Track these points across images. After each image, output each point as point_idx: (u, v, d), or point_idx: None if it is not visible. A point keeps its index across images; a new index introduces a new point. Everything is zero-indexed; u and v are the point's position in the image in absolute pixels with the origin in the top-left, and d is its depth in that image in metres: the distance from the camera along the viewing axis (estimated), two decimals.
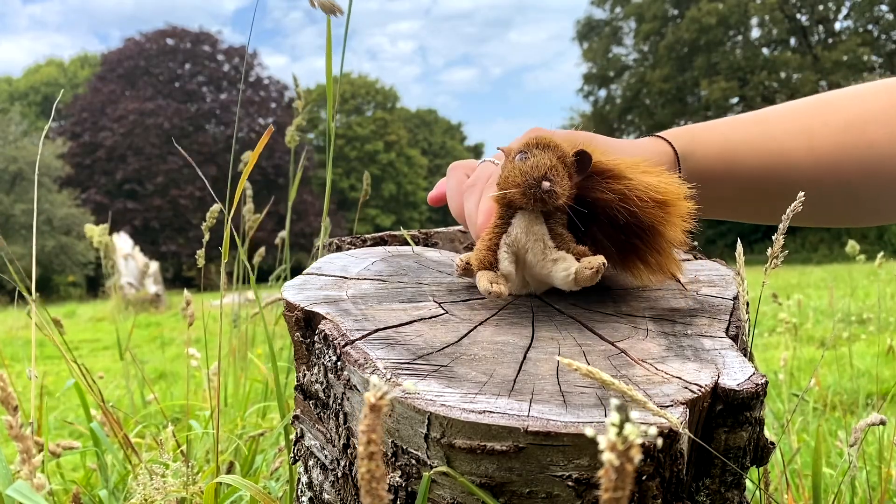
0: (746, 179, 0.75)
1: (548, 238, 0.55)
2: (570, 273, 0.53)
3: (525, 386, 0.45)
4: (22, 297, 0.93)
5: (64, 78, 34.34)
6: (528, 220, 0.55)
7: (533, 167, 0.52)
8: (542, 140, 0.54)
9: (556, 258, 0.54)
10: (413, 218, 32.95)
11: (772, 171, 0.74)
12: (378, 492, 0.26)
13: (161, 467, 0.85)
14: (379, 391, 0.26)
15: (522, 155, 0.53)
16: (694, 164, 0.74)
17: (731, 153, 0.75)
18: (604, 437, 0.22)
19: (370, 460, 0.26)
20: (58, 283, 18.82)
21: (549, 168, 0.52)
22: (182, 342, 4.47)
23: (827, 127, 0.74)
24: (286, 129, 1.37)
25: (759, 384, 0.46)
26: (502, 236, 0.55)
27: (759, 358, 2.91)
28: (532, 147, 0.54)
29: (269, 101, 27.72)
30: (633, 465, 0.22)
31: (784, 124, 0.76)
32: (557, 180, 0.52)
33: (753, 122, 0.77)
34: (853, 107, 0.75)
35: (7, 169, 20.47)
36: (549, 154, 0.53)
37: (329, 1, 0.74)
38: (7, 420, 0.40)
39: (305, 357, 0.59)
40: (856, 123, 0.74)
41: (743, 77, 24.51)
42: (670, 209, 0.55)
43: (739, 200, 0.78)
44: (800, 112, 0.77)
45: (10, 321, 6.29)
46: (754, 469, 0.60)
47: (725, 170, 0.75)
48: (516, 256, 0.55)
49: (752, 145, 0.75)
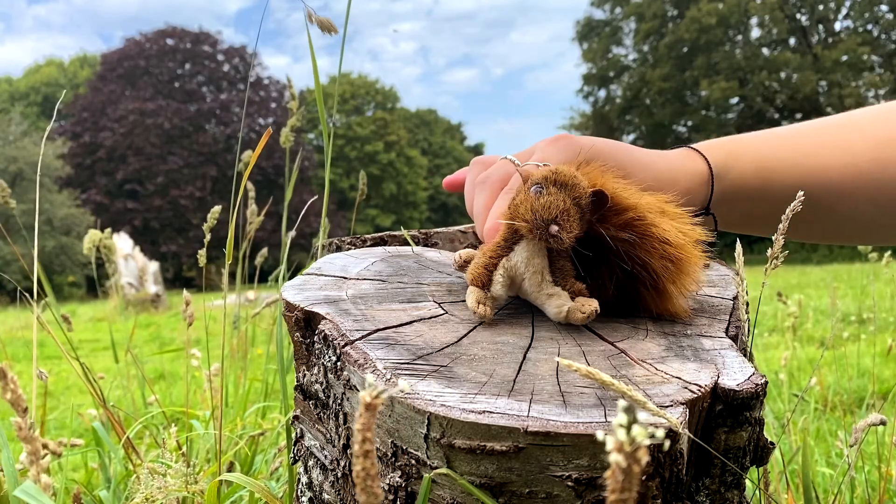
0: (781, 196, 0.73)
1: (546, 272, 0.54)
2: (562, 311, 0.53)
3: (525, 386, 0.45)
4: (25, 297, 0.93)
5: (64, 78, 34.36)
6: (531, 252, 0.54)
7: (545, 207, 0.50)
8: (560, 177, 0.52)
9: (550, 293, 0.54)
10: (413, 218, 32.95)
11: (807, 188, 0.73)
12: (373, 489, 0.26)
13: (164, 466, 0.85)
14: (375, 390, 0.26)
15: (538, 188, 0.52)
16: (728, 184, 0.73)
17: (766, 170, 0.74)
18: (611, 439, 0.22)
19: (365, 458, 0.26)
20: (58, 283, 18.82)
21: (561, 212, 0.50)
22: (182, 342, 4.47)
23: (864, 144, 0.74)
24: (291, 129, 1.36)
25: (758, 384, 0.46)
26: (503, 259, 0.55)
27: (759, 358, 2.92)
28: (549, 183, 0.52)
29: (269, 101, 27.72)
30: (641, 466, 0.22)
31: (819, 140, 0.75)
32: (566, 226, 0.50)
33: (787, 137, 0.76)
34: (887, 123, 0.75)
35: (7, 169, 20.46)
36: (563, 195, 0.51)
37: (326, 20, 0.74)
38: (16, 422, 0.40)
39: (305, 357, 0.59)
40: (890, 140, 0.73)
41: (743, 77, 24.52)
42: (681, 268, 0.54)
43: (772, 217, 0.76)
44: (835, 128, 0.76)
45: (11, 321, 6.29)
46: (754, 469, 0.60)
47: (760, 187, 0.74)
48: (512, 280, 0.55)
49: (787, 162, 0.74)
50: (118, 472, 1.13)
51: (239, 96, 27.89)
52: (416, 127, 37.48)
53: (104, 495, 1.02)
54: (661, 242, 0.53)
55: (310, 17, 0.77)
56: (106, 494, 1.02)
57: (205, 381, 1.49)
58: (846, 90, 22.93)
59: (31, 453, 0.42)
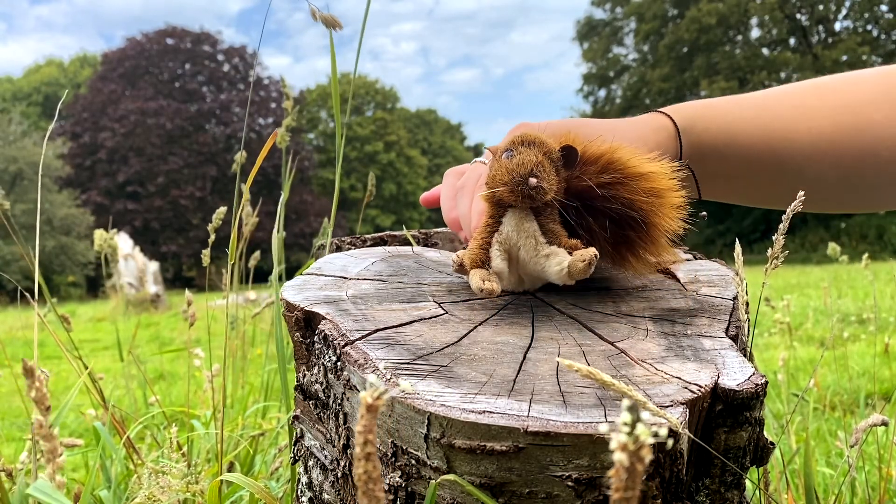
0: (746, 156, 0.75)
1: (539, 234, 0.55)
2: (563, 267, 0.53)
3: (525, 386, 0.45)
4: (25, 297, 0.94)
5: (64, 78, 34.34)
6: (519, 218, 0.55)
7: (519, 164, 0.53)
8: (527, 138, 0.54)
9: (548, 253, 0.55)
10: (413, 218, 32.93)
11: (772, 149, 0.75)
12: (375, 493, 0.26)
13: (165, 466, 0.85)
14: (376, 391, 0.26)
15: (508, 153, 0.54)
16: (695, 139, 0.74)
17: (732, 129, 0.75)
18: (615, 438, 0.22)
19: (367, 461, 0.26)
20: (58, 284, 18.82)
21: (535, 164, 0.52)
22: (182, 342, 4.47)
23: (826, 108, 0.75)
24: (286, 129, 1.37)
25: (758, 384, 0.46)
26: (494, 235, 0.55)
27: (758, 358, 2.91)
28: (518, 145, 0.54)
29: (269, 101, 27.72)
30: (644, 465, 0.22)
31: (784, 103, 0.77)
32: (544, 176, 0.52)
33: (754, 100, 0.78)
34: (851, 89, 0.76)
35: (7, 169, 20.46)
36: (534, 150, 0.53)
37: (331, 16, 0.74)
38: (37, 419, 0.41)
39: (305, 357, 0.59)
40: (853, 105, 0.75)
41: (743, 77, 24.49)
42: (662, 199, 0.55)
43: (738, 178, 0.78)
44: (799, 93, 0.78)
45: (10, 321, 6.29)
46: (754, 469, 0.60)
47: (725, 145, 0.75)
48: (509, 254, 0.56)
49: (753, 122, 0.75)
50: (119, 472, 1.13)
51: (239, 96, 27.89)
52: (416, 127, 37.47)
53: (105, 495, 1.02)
54: (640, 176, 0.55)
55: (313, 15, 0.77)
56: (106, 494, 1.02)
57: (205, 381, 1.49)
58: None
59: (49, 451, 0.42)
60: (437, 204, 0.74)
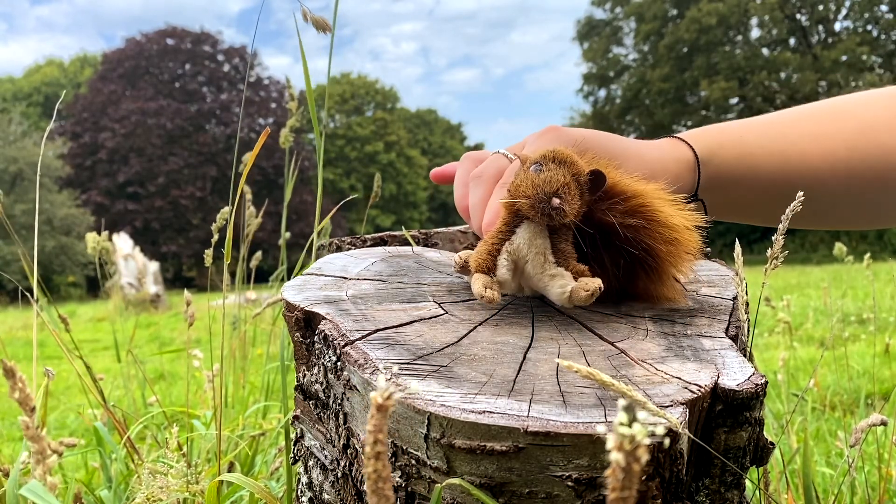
0: (763, 183, 0.76)
1: (549, 253, 0.54)
2: (565, 291, 0.53)
3: (525, 386, 0.45)
4: (25, 297, 0.94)
5: (64, 78, 34.35)
6: (533, 233, 0.54)
7: (546, 182, 0.52)
8: (559, 155, 0.53)
9: (553, 273, 0.54)
10: (413, 218, 32.95)
11: (788, 175, 0.76)
12: (384, 491, 0.26)
13: (165, 466, 0.85)
14: (386, 392, 0.26)
15: (537, 166, 0.53)
16: (713, 169, 0.75)
17: (749, 157, 0.76)
18: (612, 437, 0.22)
19: (377, 460, 0.26)
20: (58, 284, 18.82)
21: (562, 185, 0.52)
22: (182, 342, 4.47)
23: (841, 132, 0.76)
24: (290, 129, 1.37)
25: (758, 384, 0.46)
26: (505, 243, 0.55)
27: (758, 358, 2.91)
28: (548, 160, 0.53)
29: (269, 102, 27.72)
30: (641, 464, 0.22)
31: (799, 128, 0.77)
32: (568, 199, 0.52)
33: (770, 125, 0.78)
34: (864, 112, 0.77)
35: (7, 169, 20.46)
36: (563, 170, 0.52)
37: (321, 18, 0.75)
38: (24, 420, 0.41)
39: (305, 357, 0.59)
40: (867, 130, 0.76)
41: (743, 77, 24.51)
42: (680, 246, 0.55)
43: (756, 204, 0.79)
44: (813, 117, 0.78)
45: (10, 321, 6.29)
46: (754, 469, 0.60)
47: (743, 174, 0.76)
48: (515, 265, 0.55)
49: (769, 149, 0.76)
50: (119, 472, 1.13)
51: (239, 96, 27.89)
52: (416, 127, 37.48)
53: (105, 495, 1.02)
54: (666, 227, 0.55)
55: (304, 16, 0.77)
56: (107, 494, 1.03)
57: (205, 381, 1.49)
58: (846, 90, 22.90)
59: (38, 452, 0.42)
60: (446, 181, 0.74)
